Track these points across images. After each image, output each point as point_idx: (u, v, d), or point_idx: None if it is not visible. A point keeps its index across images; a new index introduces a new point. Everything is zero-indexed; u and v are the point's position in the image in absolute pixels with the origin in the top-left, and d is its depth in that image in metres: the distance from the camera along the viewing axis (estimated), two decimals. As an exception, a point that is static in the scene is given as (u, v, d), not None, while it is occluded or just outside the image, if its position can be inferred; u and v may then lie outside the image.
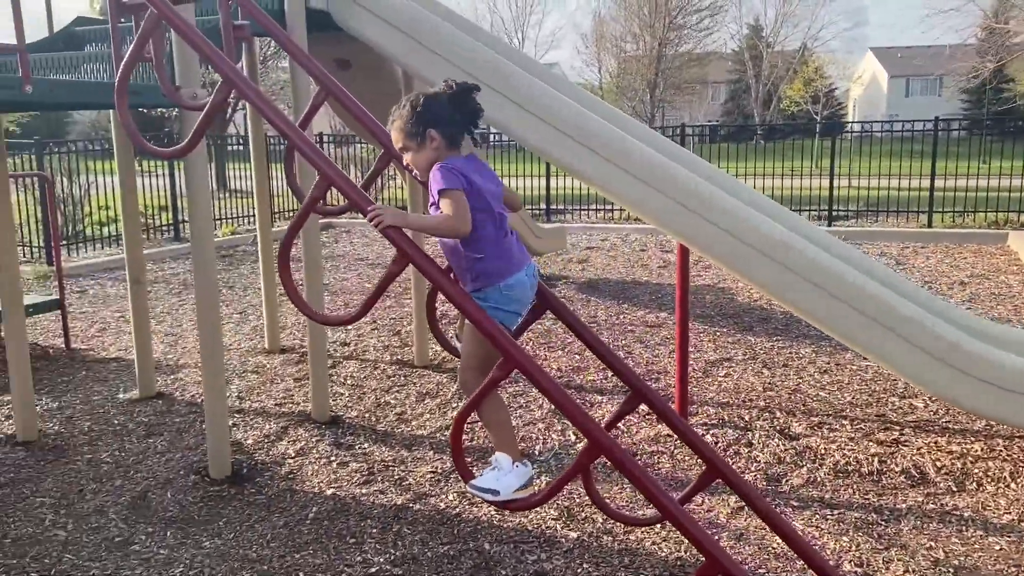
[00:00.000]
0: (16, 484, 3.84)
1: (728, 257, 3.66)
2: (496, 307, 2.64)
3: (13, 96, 3.06)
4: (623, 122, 4.92)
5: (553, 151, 4.02)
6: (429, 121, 2.60)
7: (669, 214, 3.75)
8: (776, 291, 3.62)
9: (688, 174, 3.89)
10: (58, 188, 11.06)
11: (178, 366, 5.70)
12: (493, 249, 2.62)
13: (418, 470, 3.92)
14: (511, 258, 2.66)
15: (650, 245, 10.96)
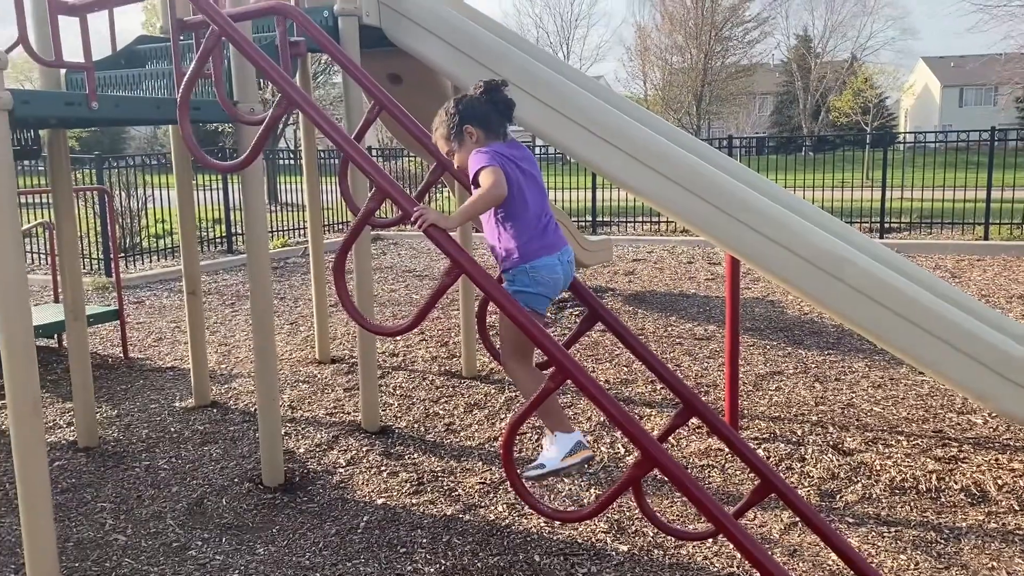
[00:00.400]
0: (78, 489, 3.95)
1: (779, 269, 3.62)
2: (521, 289, 2.71)
3: (80, 112, 3.16)
4: (670, 133, 4.91)
5: (601, 162, 4.03)
6: (465, 119, 2.78)
7: (719, 225, 3.72)
8: (828, 304, 3.57)
9: (738, 185, 3.86)
10: (116, 201, 11.38)
11: (232, 375, 5.81)
12: (526, 229, 2.71)
13: (467, 481, 3.94)
14: (544, 239, 2.74)
15: (698, 257, 10.88)
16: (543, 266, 2.72)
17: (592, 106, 4.08)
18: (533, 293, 2.73)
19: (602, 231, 13.63)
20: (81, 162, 11.95)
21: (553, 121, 4.10)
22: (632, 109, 5.10)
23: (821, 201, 13.02)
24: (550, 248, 2.75)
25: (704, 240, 10.77)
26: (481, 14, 5.68)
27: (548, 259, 2.73)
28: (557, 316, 7.38)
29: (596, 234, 13.09)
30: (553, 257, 2.75)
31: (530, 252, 2.71)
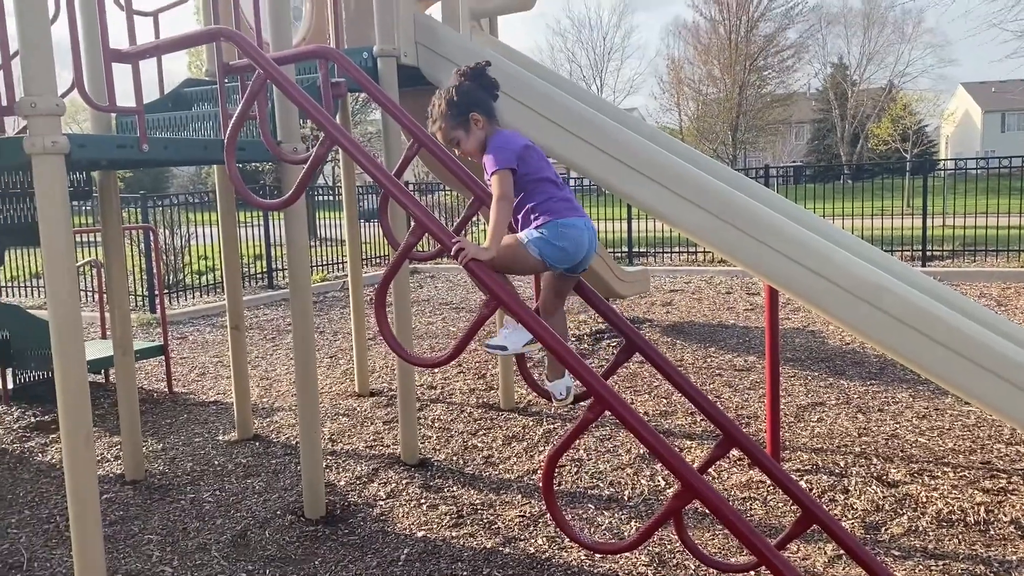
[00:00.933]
0: (125, 521, 4.03)
1: (818, 299, 3.60)
2: (549, 240, 2.77)
3: (132, 155, 3.28)
4: (705, 164, 4.93)
5: (635, 193, 4.06)
6: (467, 106, 2.85)
7: (755, 255, 3.72)
8: (869, 334, 3.54)
9: (774, 214, 3.86)
10: (161, 239, 11.65)
11: (273, 409, 5.90)
12: (552, 197, 2.82)
13: (507, 514, 3.94)
14: (571, 205, 2.85)
15: (736, 287, 10.82)
16: (571, 224, 2.81)
17: (627, 139, 4.13)
18: (558, 246, 2.79)
19: (639, 262, 13.62)
20: (127, 201, 12.29)
21: (588, 154, 4.15)
22: (666, 141, 5.14)
23: (861, 229, 12.89)
24: (578, 213, 2.87)
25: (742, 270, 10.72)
26: (516, 51, 5.79)
27: (576, 219, 2.84)
28: (594, 347, 7.38)
29: (633, 265, 13.08)
30: (580, 220, 2.85)
31: (560, 211, 2.82)
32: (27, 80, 2.82)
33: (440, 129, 2.91)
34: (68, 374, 2.92)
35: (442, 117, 2.89)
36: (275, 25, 3.88)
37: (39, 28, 2.80)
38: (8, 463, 4.94)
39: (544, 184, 2.83)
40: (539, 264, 2.80)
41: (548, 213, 2.80)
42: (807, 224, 4.34)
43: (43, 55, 2.82)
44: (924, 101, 42.92)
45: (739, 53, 36.76)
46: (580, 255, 2.86)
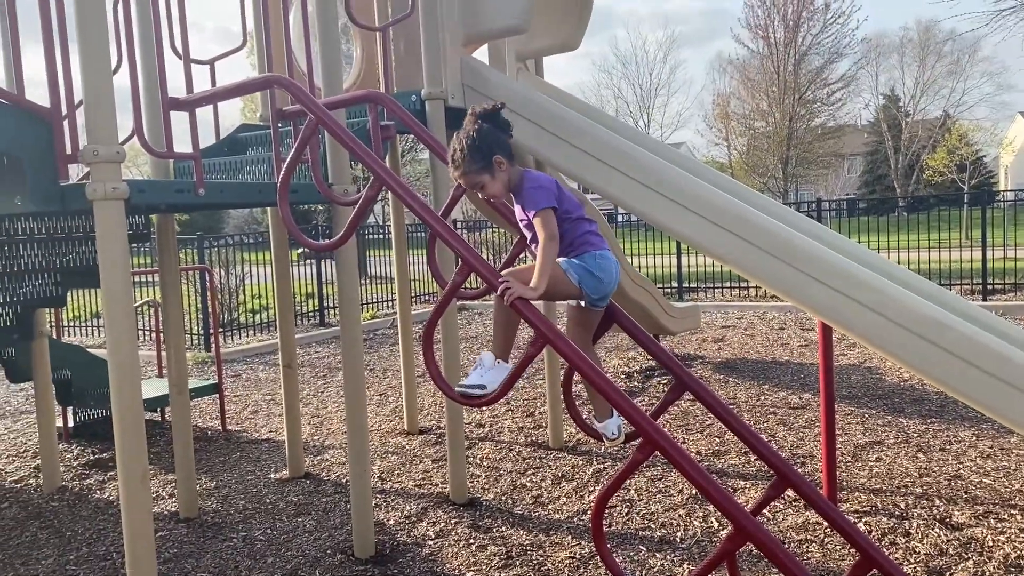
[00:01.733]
0: (179, 559, 4.07)
1: (875, 337, 3.52)
2: (588, 269, 2.84)
3: (189, 199, 3.38)
4: (754, 200, 4.89)
5: (684, 230, 4.04)
6: (490, 149, 2.85)
7: (810, 293, 3.67)
8: (927, 371, 3.44)
9: (825, 249, 3.80)
10: (216, 278, 11.92)
11: (324, 447, 5.94)
12: (589, 235, 2.89)
13: (557, 555, 3.89)
14: (600, 237, 2.93)
15: (790, 323, 10.63)
16: (606, 257, 2.90)
17: (673, 175, 4.12)
18: (596, 276, 2.86)
19: (689, 297, 13.49)
20: (184, 242, 12.62)
21: (635, 192, 4.15)
22: (714, 176, 5.12)
23: (918, 263, 12.60)
24: (610, 248, 2.95)
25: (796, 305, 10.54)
26: (562, 91, 5.85)
27: (608, 253, 2.92)
28: (645, 384, 7.30)
29: (683, 300, 12.95)
30: (610, 253, 2.93)
31: (597, 244, 2.90)
32: (90, 129, 2.94)
33: (464, 175, 2.90)
34: (125, 413, 2.99)
35: (465, 163, 2.87)
36: (327, 71, 3.98)
37: (102, 79, 2.92)
38: (68, 500, 5.05)
39: (580, 222, 2.90)
40: (577, 291, 2.87)
41: (586, 245, 2.88)
42: (859, 258, 4.26)
43: (106, 105, 2.93)
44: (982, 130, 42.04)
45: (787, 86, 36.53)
46: (610, 287, 2.94)
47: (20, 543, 4.41)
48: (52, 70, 3.01)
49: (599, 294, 2.91)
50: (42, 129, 3.05)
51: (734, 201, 4.01)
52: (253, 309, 13.26)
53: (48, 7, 2.96)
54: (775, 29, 36.61)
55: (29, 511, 4.89)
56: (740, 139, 40.49)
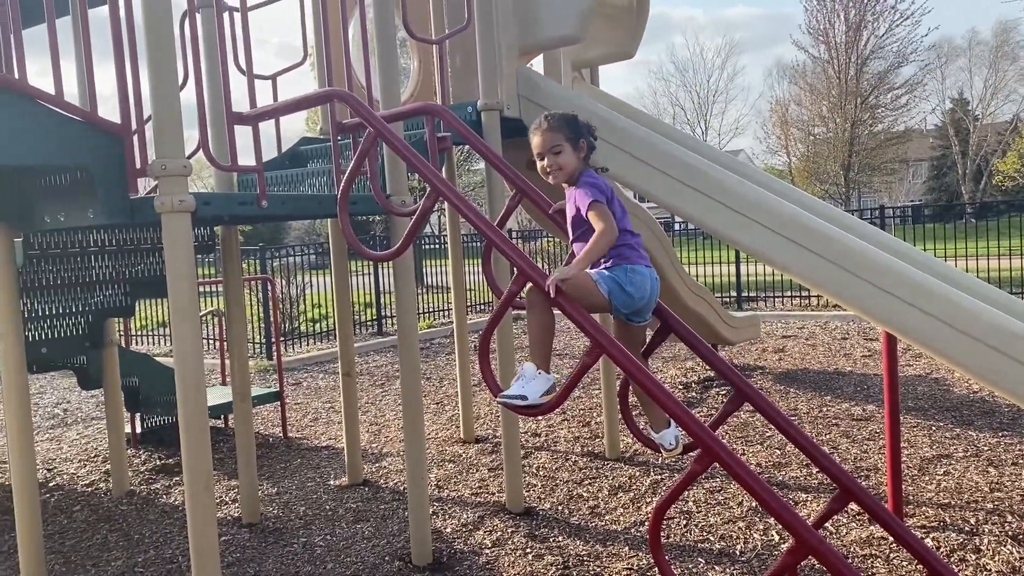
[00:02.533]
0: (242, 563, 4.16)
1: (943, 347, 3.42)
2: (618, 282, 2.84)
3: (252, 211, 3.47)
4: (816, 207, 4.81)
5: (743, 239, 3.99)
6: (583, 132, 2.99)
7: (873, 302, 3.58)
8: (1000, 384, 3.33)
9: (891, 258, 3.71)
10: (277, 288, 12.17)
11: (382, 454, 6.01)
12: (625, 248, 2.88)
13: (614, 566, 3.87)
14: (640, 254, 2.92)
15: (852, 333, 10.39)
16: (640, 272, 2.88)
17: (736, 185, 4.07)
18: (626, 290, 2.84)
19: (748, 307, 13.29)
20: (246, 253, 12.92)
21: (693, 200, 4.11)
22: (776, 184, 5.05)
23: (987, 271, 12.19)
24: (646, 261, 2.93)
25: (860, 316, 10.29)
26: (617, 100, 5.84)
27: (644, 268, 2.90)
28: (703, 395, 7.21)
29: (742, 310, 12.77)
30: (649, 270, 2.92)
31: (631, 257, 2.89)
32: (158, 143, 3.03)
33: (549, 131, 2.97)
34: (191, 420, 3.07)
35: (555, 126, 2.97)
36: (385, 84, 4.04)
37: (170, 95, 3.02)
38: (136, 504, 5.20)
39: (622, 234, 2.89)
40: (605, 303, 2.86)
41: (619, 258, 2.88)
42: (926, 266, 4.15)
43: (173, 120, 3.03)
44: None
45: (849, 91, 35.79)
46: (642, 303, 2.91)
47: (91, 545, 4.55)
48: (123, 87, 3.12)
49: (629, 309, 2.89)
50: (113, 144, 3.15)
51: (797, 210, 3.95)
52: (313, 318, 13.49)
53: (119, 26, 3.07)
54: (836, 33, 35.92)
55: (99, 514, 5.05)
56: (799, 146, 39.79)
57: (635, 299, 2.87)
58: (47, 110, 3.03)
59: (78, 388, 9.00)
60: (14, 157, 3.04)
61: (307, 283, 13.25)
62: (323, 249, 14.21)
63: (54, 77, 3.09)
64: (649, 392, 2.58)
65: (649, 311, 2.97)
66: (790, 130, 40.17)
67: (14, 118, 2.95)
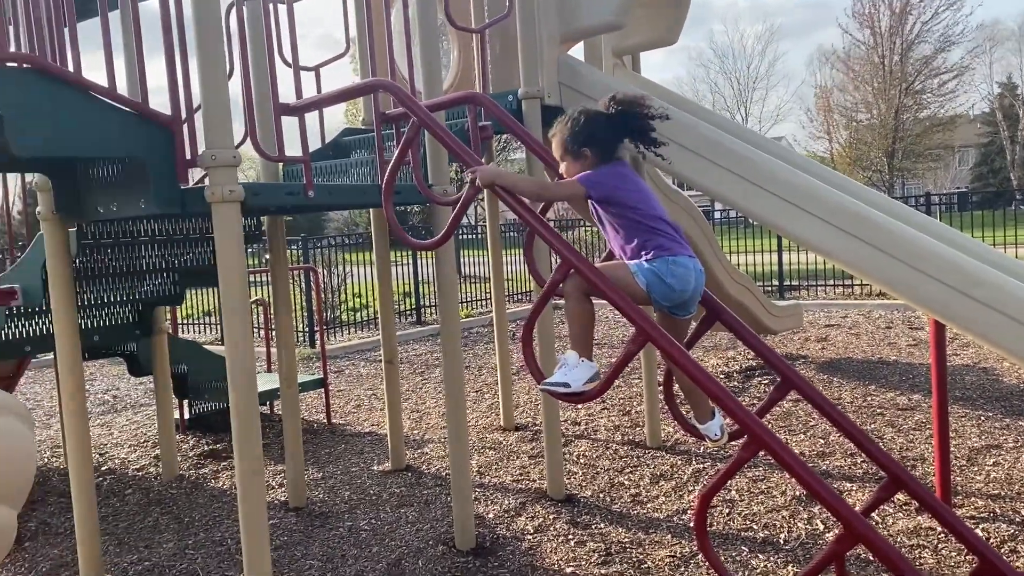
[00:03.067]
0: (289, 547, 4.24)
1: (993, 335, 3.36)
2: (657, 274, 2.77)
3: (299, 201, 3.52)
4: (861, 193, 4.74)
5: (788, 226, 3.96)
6: (585, 140, 2.92)
7: (922, 290, 3.53)
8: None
9: (940, 244, 3.65)
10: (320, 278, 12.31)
11: (423, 441, 6.07)
12: (662, 232, 2.82)
13: (656, 553, 3.87)
14: (683, 245, 2.85)
15: (897, 321, 10.23)
16: (682, 263, 2.80)
17: (779, 170, 4.04)
18: (666, 282, 2.78)
19: (790, 296, 13.14)
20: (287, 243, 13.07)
21: (737, 187, 4.09)
22: (819, 170, 4.99)
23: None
24: (688, 253, 2.85)
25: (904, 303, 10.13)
26: (659, 86, 5.80)
27: (686, 259, 2.82)
28: (745, 384, 7.16)
29: (784, 299, 12.63)
30: (691, 260, 2.84)
31: (674, 248, 2.82)
32: (208, 134, 3.09)
33: (557, 143, 3.03)
34: (241, 406, 3.13)
35: (561, 134, 3.00)
36: (427, 74, 4.07)
37: (219, 87, 3.07)
38: (185, 488, 5.32)
39: (658, 222, 2.84)
40: (643, 295, 2.81)
41: (659, 249, 2.81)
42: (975, 253, 4.08)
43: (222, 111, 3.08)
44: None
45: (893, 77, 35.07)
46: (685, 295, 2.83)
47: (143, 527, 4.67)
48: (173, 78, 3.18)
49: (671, 302, 2.83)
50: (164, 135, 3.22)
51: (844, 197, 3.91)
52: (354, 307, 13.62)
53: (169, 20, 3.13)
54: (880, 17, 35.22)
55: (150, 497, 5.18)
56: (842, 132, 39.12)
57: (676, 291, 2.80)
58: (102, 103, 3.11)
59: (126, 375, 9.22)
60: (71, 149, 3.13)
61: (347, 273, 13.38)
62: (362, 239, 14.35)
63: (107, 70, 3.16)
64: (695, 379, 2.58)
65: (694, 304, 2.91)
66: (833, 116, 39.49)
67: (71, 111, 3.02)
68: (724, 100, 47.22)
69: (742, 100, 47.26)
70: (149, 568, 4.10)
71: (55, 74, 2.98)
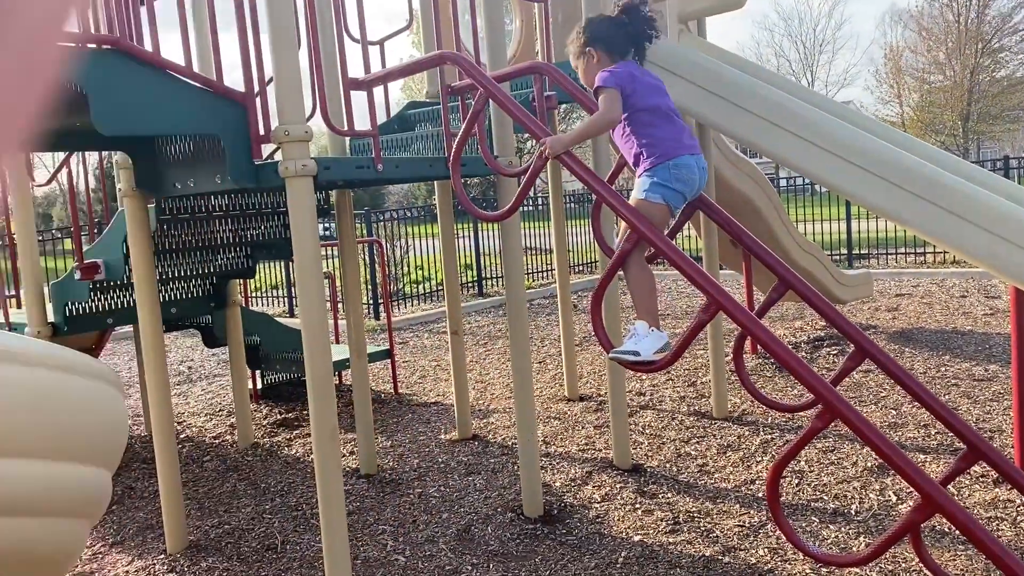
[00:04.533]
0: (362, 512, 4.37)
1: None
2: (663, 183, 2.91)
3: (368, 175, 3.57)
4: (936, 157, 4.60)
5: (861, 192, 3.87)
6: (590, 40, 3.10)
7: (1001, 256, 3.43)
8: None
9: (1018, 208, 3.53)
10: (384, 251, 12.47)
11: (488, 411, 6.14)
12: (660, 134, 2.94)
13: (725, 523, 3.87)
14: (679, 142, 2.95)
15: (972, 290, 9.92)
16: (683, 164, 2.94)
17: (848, 134, 3.94)
18: (674, 189, 2.93)
19: (859, 264, 12.82)
20: (353, 217, 13.25)
21: (805, 152, 4.01)
22: (890, 134, 4.85)
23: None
24: (688, 149, 2.97)
25: (980, 271, 9.79)
26: (726, 51, 5.69)
27: (687, 158, 2.94)
28: (813, 355, 7.05)
29: (853, 268, 12.34)
30: (691, 158, 2.96)
31: (671, 151, 2.93)
32: (281, 110, 3.16)
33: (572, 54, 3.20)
34: (317, 375, 3.22)
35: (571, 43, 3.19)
36: (491, 45, 4.07)
37: (291, 63, 3.13)
38: (260, 455, 5.50)
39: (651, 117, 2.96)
40: (666, 210, 2.97)
41: (658, 157, 2.93)
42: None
43: (294, 86, 3.14)
44: None
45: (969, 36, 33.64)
46: (692, 193, 3.02)
47: (222, 492, 4.85)
48: (246, 56, 3.25)
49: (682, 203, 3.03)
50: (237, 111, 3.29)
51: (918, 160, 3.80)
52: (416, 280, 13.78)
53: None
54: (955, -27, 33.77)
55: (228, 464, 5.37)
56: (913, 95, 37.76)
57: (686, 195, 2.99)
58: (178, 81, 3.19)
59: (200, 347, 9.53)
60: (151, 127, 3.23)
61: (409, 246, 13.53)
62: (423, 212, 14.48)
63: (183, 49, 3.25)
64: (768, 348, 2.56)
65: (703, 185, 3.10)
66: (903, 79, 38.13)
67: (151, 90, 3.12)
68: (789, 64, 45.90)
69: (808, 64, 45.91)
70: (229, 531, 4.27)
71: (135, 54, 3.07)
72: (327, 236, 8.23)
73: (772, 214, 6.81)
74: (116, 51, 3.04)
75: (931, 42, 35.85)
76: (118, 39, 3.02)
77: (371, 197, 46.18)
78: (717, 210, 3.27)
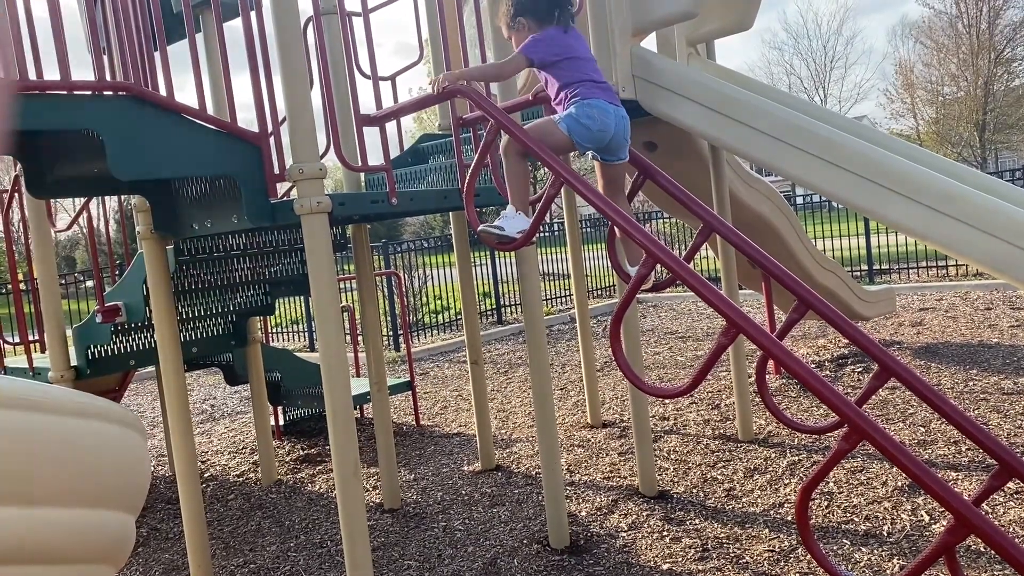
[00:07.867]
0: (386, 548, 4.33)
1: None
2: (575, 118, 3.08)
3: (382, 208, 3.60)
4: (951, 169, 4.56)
5: (878, 208, 3.84)
6: (517, 11, 3.26)
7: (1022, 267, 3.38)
8: None
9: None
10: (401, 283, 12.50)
11: (511, 440, 6.11)
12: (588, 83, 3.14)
13: (755, 548, 3.81)
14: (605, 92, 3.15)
15: (997, 302, 9.79)
16: (598, 104, 3.09)
17: (862, 150, 3.92)
18: (583, 124, 3.08)
19: (881, 280, 12.72)
20: (370, 249, 13.31)
21: (817, 169, 3.99)
22: (905, 148, 4.82)
23: None
24: (607, 97, 3.13)
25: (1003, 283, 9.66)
26: (735, 72, 5.70)
27: (603, 103, 3.10)
28: (837, 374, 6.97)
29: (874, 283, 12.24)
30: (608, 104, 3.11)
31: (590, 95, 3.11)
32: (295, 149, 3.18)
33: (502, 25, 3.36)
34: (337, 410, 3.22)
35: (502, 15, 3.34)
36: (501, 75, 4.08)
37: (303, 102, 3.16)
38: (283, 492, 5.49)
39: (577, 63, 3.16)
40: (566, 140, 3.10)
41: (577, 96, 3.11)
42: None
43: (307, 126, 3.17)
44: None
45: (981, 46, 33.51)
46: (606, 136, 3.12)
47: (247, 531, 4.84)
48: (258, 96, 3.28)
49: (593, 143, 3.15)
50: (252, 152, 3.32)
51: (934, 175, 3.77)
52: (435, 310, 13.79)
53: (252, 39, 3.23)
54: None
55: (252, 502, 5.36)
56: (927, 109, 37.58)
57: (594, 131, 3.09)
58: (194, 124, 3.23)
59: (222, 385, 9.57)
60: (167, 170, 3.27)
61: (427, 276, 13.56)
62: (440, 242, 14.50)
63: (197, 93, 3.29)
64: (789, 369, 2.52)
65: (621, 149, 3.22)
66: (916, 92, 37.98)
67: (166, 134, 3.15)
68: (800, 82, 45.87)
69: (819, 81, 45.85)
70: (255, 570, 4.25)
71: (150, 99, 3.11)
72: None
73: (790, 233, 6.77)
74: (131, 97, 3.08)
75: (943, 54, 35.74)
76: (132, 85, 3.07)
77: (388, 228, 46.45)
78: (734, 232, 3.25)
